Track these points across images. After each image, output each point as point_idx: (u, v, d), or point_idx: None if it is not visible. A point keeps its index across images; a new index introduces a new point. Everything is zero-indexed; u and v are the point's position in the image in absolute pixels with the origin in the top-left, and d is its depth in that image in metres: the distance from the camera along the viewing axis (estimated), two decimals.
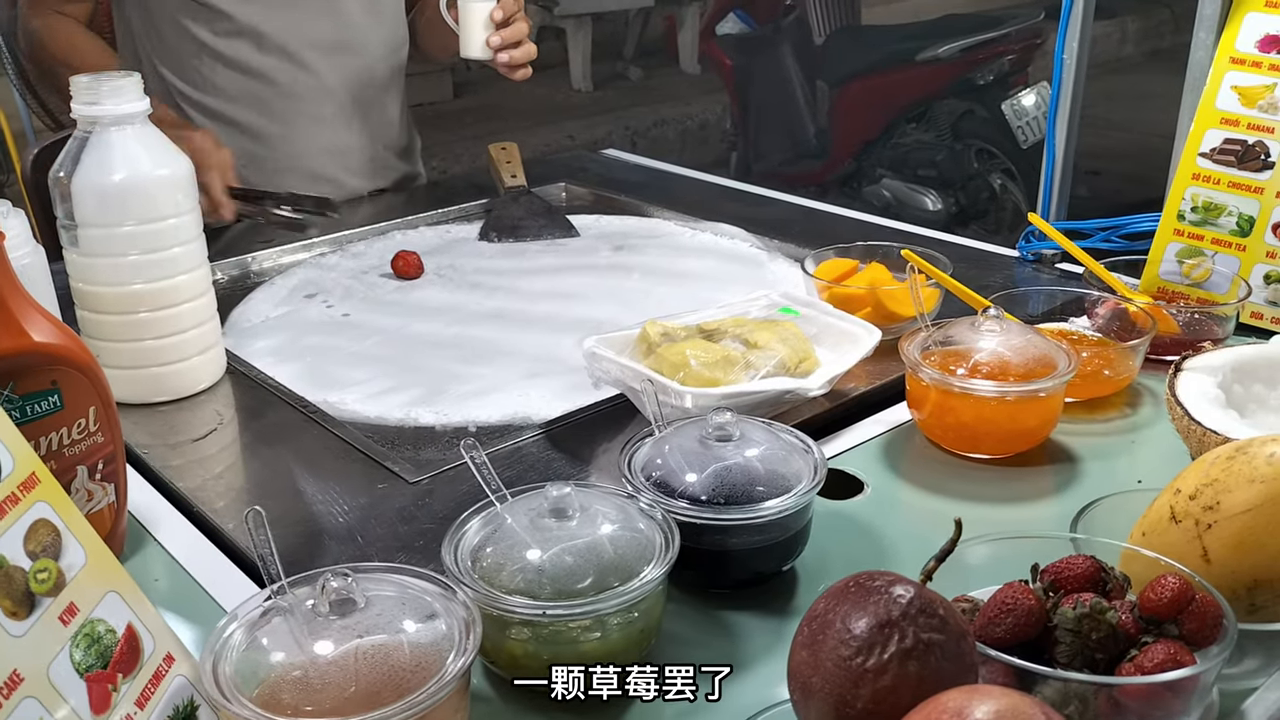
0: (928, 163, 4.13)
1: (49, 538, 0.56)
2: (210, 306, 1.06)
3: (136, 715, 0.57)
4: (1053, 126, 1.33)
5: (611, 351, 0.98)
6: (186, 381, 1.04)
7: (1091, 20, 1.29)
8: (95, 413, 0.76)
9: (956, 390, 0.91)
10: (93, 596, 0.57)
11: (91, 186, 0.95)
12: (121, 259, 0.97)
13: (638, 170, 1.90)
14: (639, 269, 1.41)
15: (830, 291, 1.16)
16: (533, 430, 0.99)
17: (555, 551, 0.67)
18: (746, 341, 0.98)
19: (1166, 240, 1.19)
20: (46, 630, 0.53)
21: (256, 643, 0.60)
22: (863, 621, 0.52)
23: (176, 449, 0.96)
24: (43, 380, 0.72)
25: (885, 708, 0.49)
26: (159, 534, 0.84)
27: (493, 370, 1.13)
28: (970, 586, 0.67)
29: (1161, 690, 0.55)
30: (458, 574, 0.65)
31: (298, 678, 0.58)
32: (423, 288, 1.35)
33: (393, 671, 0.58)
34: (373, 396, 1.07)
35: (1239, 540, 0.63)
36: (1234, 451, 0.66)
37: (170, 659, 0.60)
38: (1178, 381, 0.85)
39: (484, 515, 0.71)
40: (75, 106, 0.94)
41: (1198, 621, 0.58)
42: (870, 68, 4.20)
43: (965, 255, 1.38)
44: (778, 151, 4.56)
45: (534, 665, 0.65)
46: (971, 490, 0.90)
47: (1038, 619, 0.58)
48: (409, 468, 0.93)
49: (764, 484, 0.76)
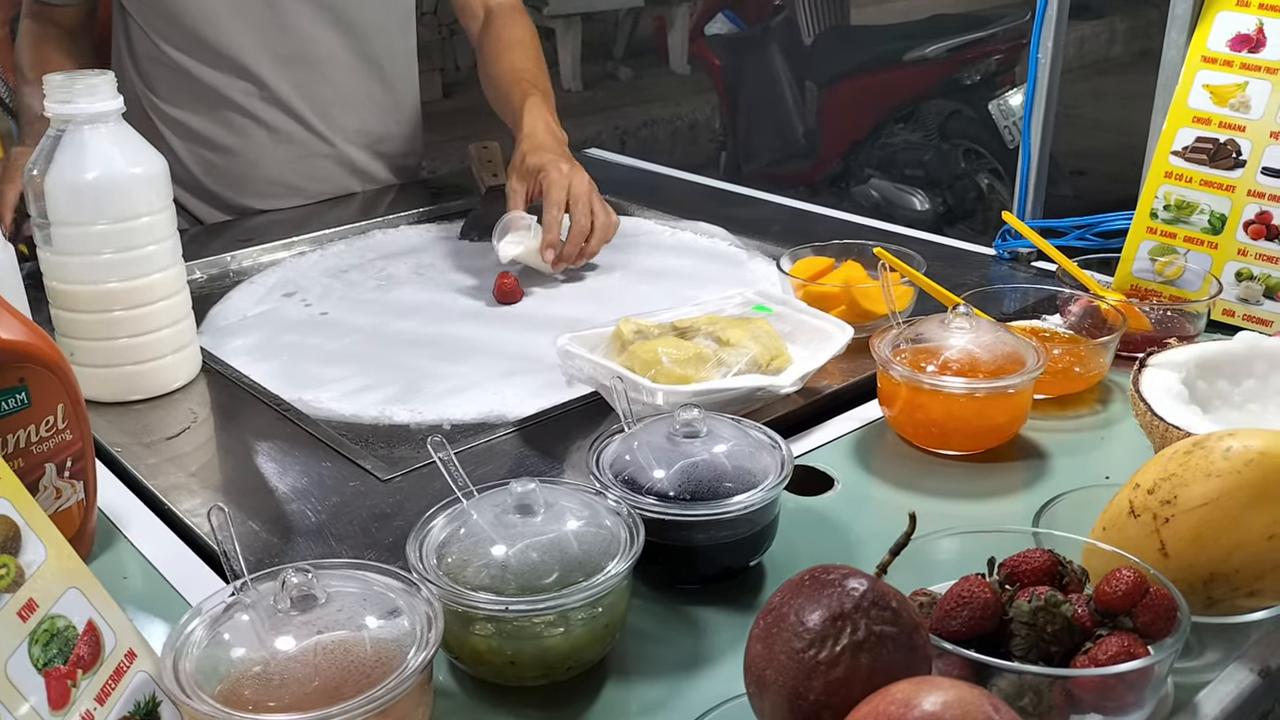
0: (915, 163, 4.14)
1: (8, 533, 0.56)
2: (185, 305, 1.06)
3: (96, 711, 0.57)
4: (1028, 125, 1.34)
5: (585, 349, 0.98)
6: (161, 380, 1.04)
7: (1066, 20, 1.30)
8: (64, 410, 0.76)
9: (926, 387, 0.92)
10: (53, 592, 0.57)
11: (65, 185, 0.95)
12: (95, 257, 0.97)
13: (622, 170, 1.90)
14: (618, 267, 1.41)
15: (805, 289, 1.16)
16: (507, 428, 0.99)
17: (520, 548, 0.67)
18: (719, 339, 0.99)
19: (1139, 238, 1.20)
20: (4, 626, 0.54)
21: (218, 639, 0.60)
22: (816, 614, 0.52)
23: (150, 447, 0.96)
24: (10, 378, 0.72)
25: (837, 699, 0.50)
26: (130, 532, 0.84)
27: (469, 368, 1.13)
28: (933, 580, 0.67)
29: (1115, 682, 0.56)
30: (422, 570, 0.66)
31: (259, 673, 0.58)
32: (401, 286, 1.36)
33: (354, 666, 0.59)
34: (348, 395, 1.07)
35: (1196, 534, 0.63)
36: (1191, 446, 0.66)
37: (132, 655, 0.61)
38: (1142, 377, 0.86)
39: (449, 512, 0.71)
40: (49, 104, 0.94)
41: (1152, 614, 0.58)
42: (859, 68, 4.21)
43: (942, 254, 1.38)
44: (767, 151, 4.57)
45: (498, 661, 0.66)
46: (941, 486, 0.91)
47: (994, 612, 0.59)
48: (382, 466, 0.93)
49: (731, 480, 0.76)
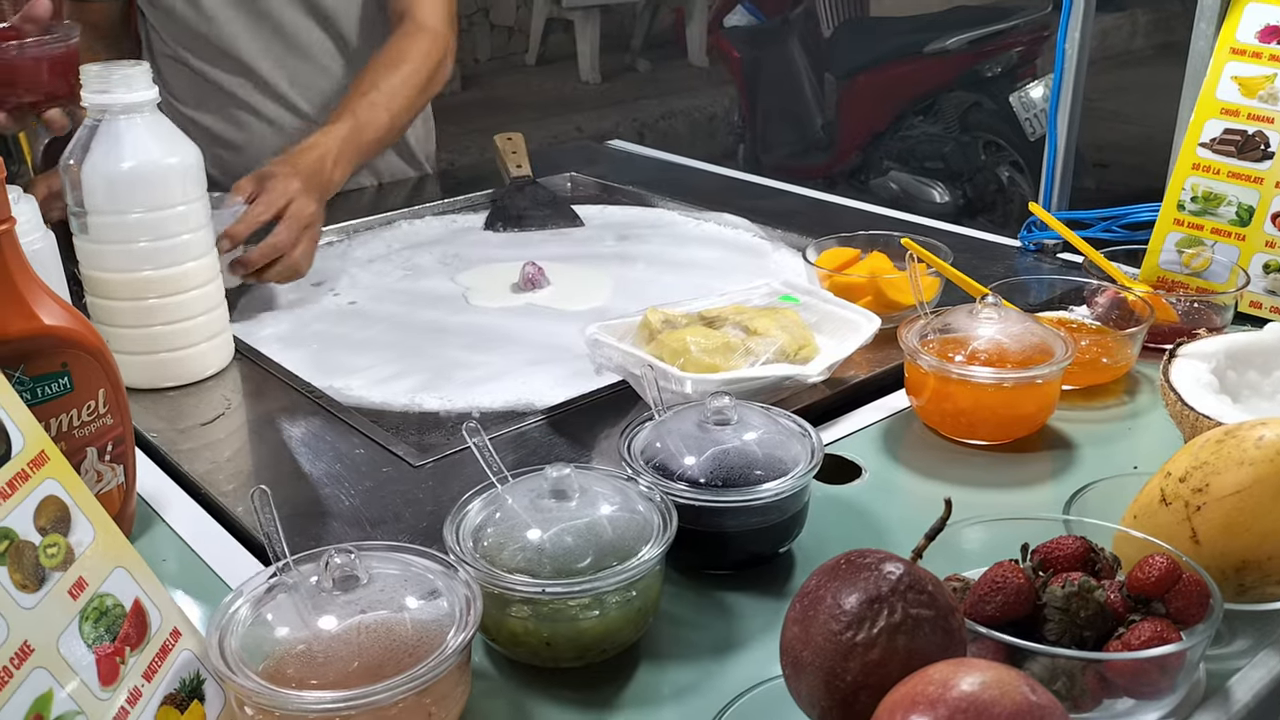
0: (935, 155, 4.13)
1: (58, 514, 0.57)
2: (218, 293, 1.07)
3: (144, 688, 0.58)
4: (1054, 117, 1.34)
5: (613, 338, 0.99)
6: (195, 367, 1.05)
7: (1094, 10, 1.29)
8: (104, 395, 0.77)
9: (954, 377, 0.92)
10: (101, 572, 0.58)
11: (101, 174, 0.96)
12: (131, 245, 0.99)
13: (644, 162, 1.91)
14: (643, 258, 1.42)
15: (831, 280, 1.16)
16: (535, 416, 1.00)
17: (555, 531, 0.68)
18: (747, 328, 0.99)
19: (1166, 230, 1.20)
20: (56, 604, 0.55)
21: (261, 618, 0.61)
22: (853, 597, 0.53)
23: (185, 433, 0.98)
24: (53, 362, 0.73)
25: (874, 680, 0.51)
26: (168, 516, 0.85)
27: (496, 358, 1.14)
28: (963, 568, 0.67)
29: (1148, 666, 0.56)
30: (459, 553, 0.67)
31: (302, 652, 0.59)
32: (428, 276, 1.37)
33: (395, 646, 0.60)
34: (378, 382, 1.08)
35: (1228, 522, 0.64)
36: (1224, 435, 0.67)
37: (176, 634, 0.62)
38: (1172, 367, 0.86)
39: (485, 496, 0.72)
40: (85, 95, 0.95)
41: (1184, 600, 0.59)
42: (878, 60, 4.20)
43: (967, 245, 1.38)
44: (785, 144, 4.57)
45: (534, 642, 0.67)
46: (969, 475, 0.91)
47: (1027, 597, 0.59)
48: (413, 452, 0.94)
49: (761, 467, 0.77)
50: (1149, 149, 1.40)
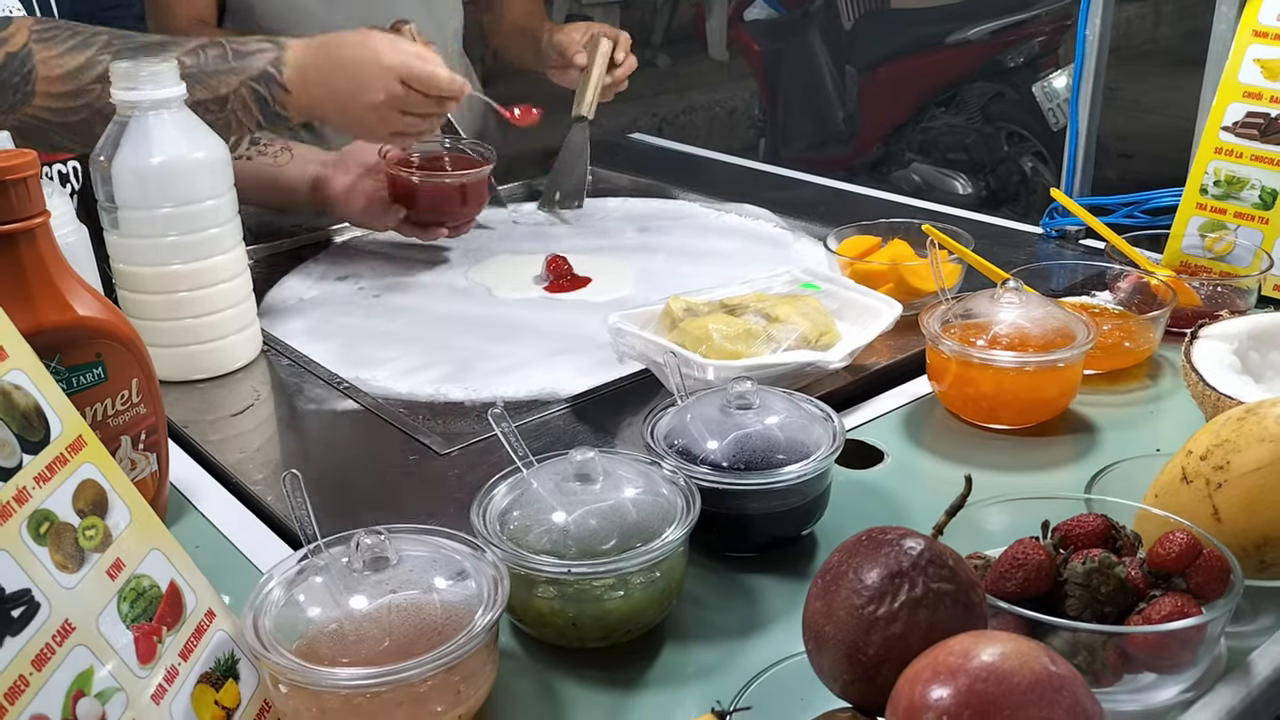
0: (957, 146, 4.11)
1: (96, 497, 0.59)
2: (246, 286, 1.08)
3: (180, 666, 0.59)
4: (1076, 102, 1.34)
5: (635, 326, 1.00)
6: (224, 359, 1.07)
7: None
8: (138, 385, 0.79)
9: (976, 361, 0.92)
10: (138, 553, 0.60)
11: (130, 169, 0.98)
12: (160, 240, 1.00)
13: (664, 154, 1.92)
14: (664, 249, 1.43)
15: (852, 267, 1.17)
16: (559, 404, 1.01)
17: (580, 514, 0.69)
18: (768, 316, 1.00)
19: (1189, 214, 1.19)
20: (95, 583, 0.56)
21: (294, 599, 0.63)
22: (875, 572, 0.54)
23: (215, 424, 0.99)
24: (88, 353, 0.75)
25: (895, 653, 0.51)
26: (200, 504, 0.87)
27: (519, 348, 1.15)
28: (985, 547, 0.68)
29: (1169, 640, 0.57)
30: (486, 535, 0.68)
31: (334, 631, 0.61)
32: (452, 268, 1.38)
33: (424, 625, 0.61)
34: (404, 373, 1.09)
35: (1249, 499, 0.64)
36: (1244, 413, 0.67)
37: (211, 615, 0.63)
38: (1194, 349, 0.86)
39: (511, 480, 0.73)
40: (114, 92, 0.97)
41: (1205, 575, 0.59)
42: (899, 51, 4.19)
43: (989, 232, 1.38)
44: (806, 137, 4.55)
45: (560, 622, 0.68)
46: (991, 459, 0.91)
47: (1048, 573, 0.60)
48: (439, 440, 0.95)
49: (784, 451, 0.77)
50: (1173, 138, 1.39)
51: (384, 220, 1.34)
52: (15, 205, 0.69)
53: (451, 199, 1.35)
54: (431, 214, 1.35)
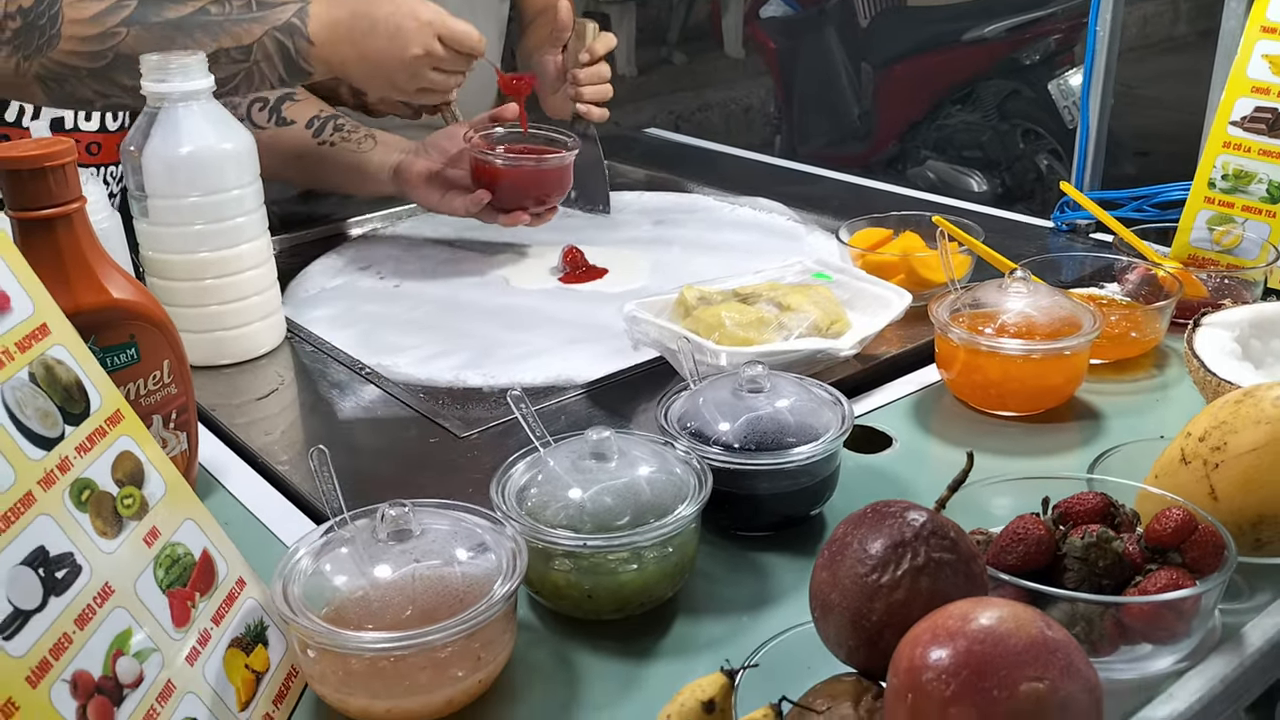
0: (973, 144, 4.12)
1: (133, 468, 0.61)
2: (271, 274, 1.11)
3: (213, 631, 0.62)
4: (1087, 95, 1.35)
5: (650, 314, 1.02)
6: (249, 345, 1.10)
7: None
8: (169, 366, 0.81)
9: (984, 349, 0.94)
10: (172, 523, 0.62)
11: (160, 159, 1.00)
12: (188, 228, 1.03)
13: (680, 149, 1.94)
14: (679, 242, 1.45)
15: (864, 259, 1.19)
16: (575, 390, 1.04)
17: (595, 491, 0.71)
18: (780, 304, 1.02)
19: (1197, 208, 1.21)
20: (133, 549, 0.59)
21: (322, 568, 0.65)
22: (878, 543, 0.56)
23: (241, 408, 1.02)
24: (121, 334, 0.78)
25: (898, 620, 0.53)
26: (228, 483, 0.90)
27: (536, 336, 1.18)
28: (988, 526, 0.70)
29: (1163, 611, 0.59)
30: (505, 510, 0.70)
31: (360, 598, 0.63)
32: (470, 259, 1.40)
33: (446, 594, 0.63)
34: (423, 360, 1.12)
35: (1245, 478, 0.66)
36: (1242, 396, 0.69)
37: (242, 583, 0.66)
38: (1196, 336, 0.88)
39: (529, 459, 0.76)
40: (145, 84, 1.00)
41: (1200, 550, 0.61)
42: (915, 48, 4.20)
43: (1000, 226, 1.40)
44: (822, 134, 4.57)
45: (576, 595, 0.70)
46: (998, 445, 0.93)
47: (1047, 548, 0.62)
48: (458, 424, 0.98)
49: (794, 433, 0.80)
50: (1189, 136, 1.40)
51: (467, 206, 1.34)
52: (53, 191, 0.72)
53: (535, 184, 1.35)
54: (514, 199, 1.35)
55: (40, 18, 1.03)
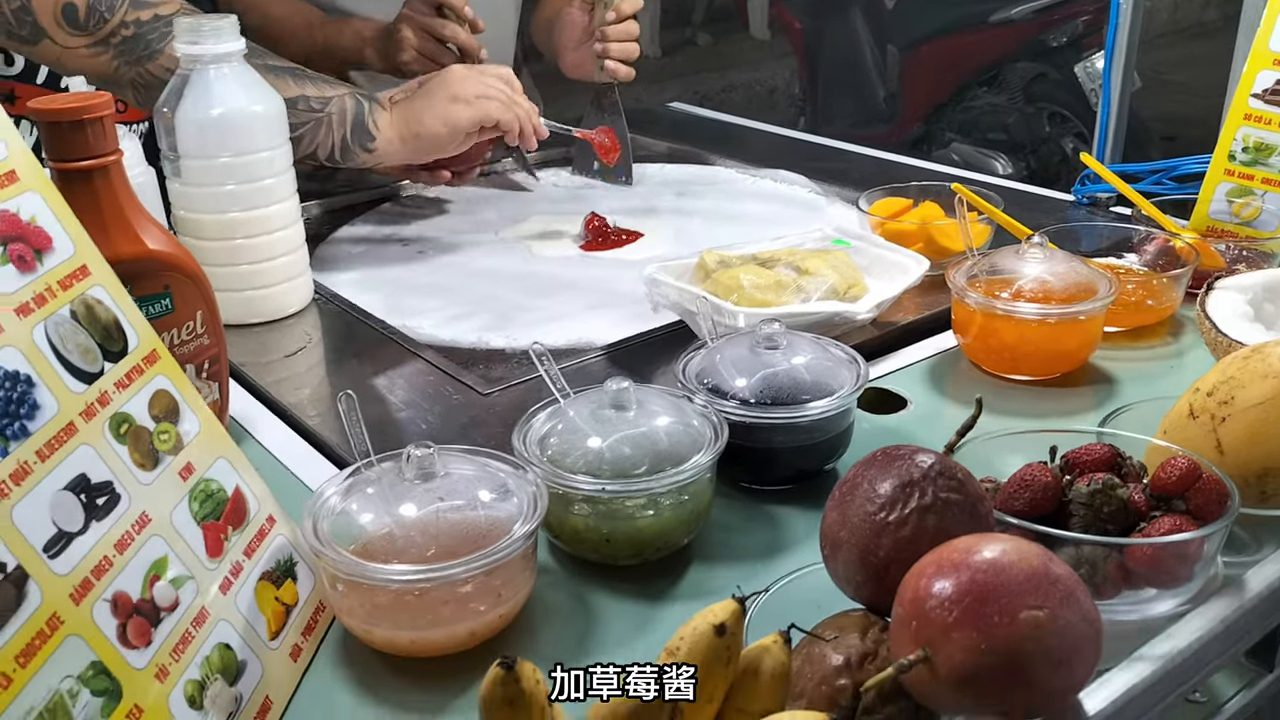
0: (998, 126, 4.10)
1: (169, 405, 0.64)
2: (299, 236, 1.14)
3: (244, 563, 0.65)
4: (1108, 73, 1.36)
5: (670, 277, 1.04)
6: (277, 304, 1.12)
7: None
8: (202, 317, 0.84)
9: (999, 313, 0.96)
10: (206, 460, 0.65)
11: (192, 120, 1.03)
12: (219, 188, 1.05)
13: (703, 123, 1.95)
14: (700, 213, 1.46)
15: (883, 227, 1.20)
16: (595, 351, 1.06)
17: (614, 440, 0.73)
18: (799, 268, 1.04)
19: (1217, 180, 1.21)
20: (169, 482, 0.61)
21: (349, 506, 0.68)
22: (887, 483, 0.58)
23: (270, 365, 1.05)
24: (156, 284, 0.80)
25: (904, 555, 0.55)
26: (257, 433, 0.92)
27: (558, 301, 1.20)
28: (998, 478, 0.71)
29: (1165, 555, 0.60)
30: (526, 456, 0.72)
31: (385, 535, 0.65)
32: (493, 227, 1.42)
33: (469, 533, 0.66)
34: (447, 322, 1.14)
35: (1251, 432, 0.67)
36: (1250, 352, 0.70)
37: (272, 520, 0.68)
38: (1209, 299, 0.89)
39: (550, 410, 0.78)
40: (178, 46, 1.02)
41: (1204, 498, 0.62)
42: (941, 30, 4.17)
43: (1021, 199, 1.41)
44: (846, 115, 4.56)
45: (594, 539, 0.72)
46: (1012, 407, 0.95)
47: (1054, 494, 0.63)
48: (480, 382, 1.00)
49: (809, 390, 0.81)
50: (1218, 121, 1.40)
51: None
52: (91, 143, 0.74)
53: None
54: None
55: (151, 32, 1.11)
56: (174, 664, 0.57)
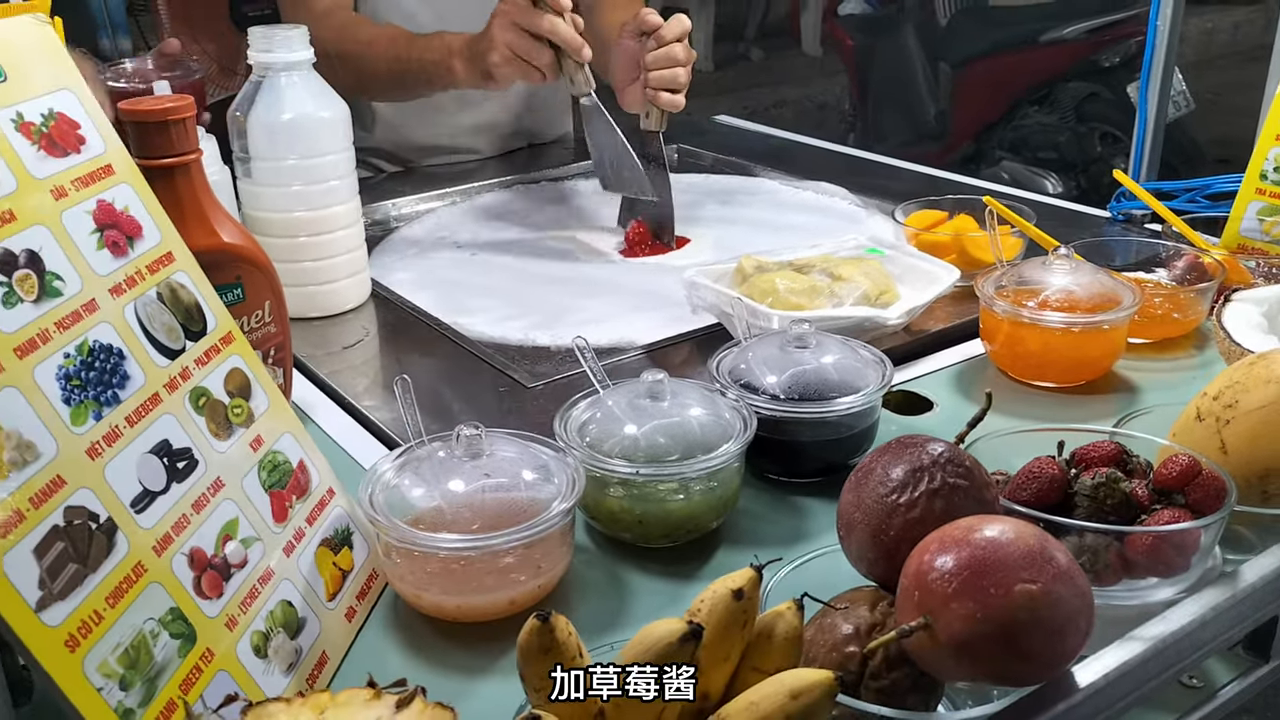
0: (1049, 145, 4.10)
1: (242, 383, 0.70)
2: (359, 235, 1.20)
3: (306, 530, 0.70)
4: (1145, 90, 1.39)
5: (709, 281, 1.09)
6: (338, 300, 1.19)
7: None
8: (270, 306, 0.90)
9: (1026, 321, 0.99)
10: (274, 433, 0.71)
11: (263, 124, 1.09)
12: (286, 188, 1.12)
13: (749, 136, 2.00)
14: (742, 222, 1.51)
15: (917, 238, 1.24)
16: (635, 350, 1.11)
17: (649, 428, 0.78)
18: (833, 274, 1.08)
19: (1248, 199, 1.24)
20: (240, 452, 0.67)
21: (402, 482, 0.73)
22: (899, 468, 0.62)
23: (330, 356, 1.11)
24: (229, 275, 0.86)
25: (913, 535, 0.59)
26: (317, 418, 0.98)
27: (601, 304, 1.25)
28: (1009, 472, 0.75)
29: (1164, 545, 0.64)
30: (566, 440, 0.77)
31: (435, 509, 0.71)
32: (542, 232, 1.48)
33: (512, 509, 0.71)
34: (496, 320, 1.20)
35: (1254, 433, 0.71)
36: (1256, 358, 0.73)
37: (331, 492, 0.74)
38: (1225, 310, 0.92)
39: (590, 400, 0.83)
40: (251, 54, 1.09)
41: (1203, 492, 0.66)
42: (993, 48, 4.18)
43: (1056, 214, 1.44)
44: (896, 132, 4.58)
45: (628, 520, 0.77)
46: (1036, 411, 0.98)
47: (1060, 486, 0.67)
48: (527, 376, 1.05)
49: (836, 388, 0.86)
50: None
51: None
52: (175, 142, 0.80)
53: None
54: None
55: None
56: (242, 615, 0.62)
